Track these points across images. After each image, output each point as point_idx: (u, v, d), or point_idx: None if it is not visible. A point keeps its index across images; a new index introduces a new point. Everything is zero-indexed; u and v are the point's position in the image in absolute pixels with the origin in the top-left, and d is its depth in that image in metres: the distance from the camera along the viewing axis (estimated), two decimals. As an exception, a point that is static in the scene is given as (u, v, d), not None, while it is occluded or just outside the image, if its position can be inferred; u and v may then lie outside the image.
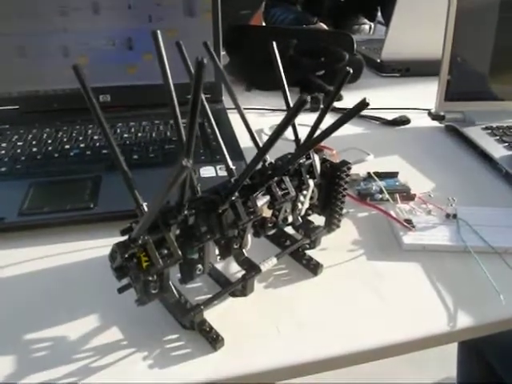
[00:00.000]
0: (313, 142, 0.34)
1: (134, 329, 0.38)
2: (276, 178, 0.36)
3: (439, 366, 1.19)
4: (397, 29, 0.96)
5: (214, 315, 0.38)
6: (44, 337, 0.37)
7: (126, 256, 0.28)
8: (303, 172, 0.38)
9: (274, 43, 0.42)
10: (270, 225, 0.38)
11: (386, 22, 1.46)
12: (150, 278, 0.31)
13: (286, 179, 0.37)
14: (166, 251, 0.30)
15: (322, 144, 0.60)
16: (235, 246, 0.36)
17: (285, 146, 0.46)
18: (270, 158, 0.43)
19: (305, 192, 0.39)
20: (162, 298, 0.37)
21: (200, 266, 0.35)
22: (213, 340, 0.35)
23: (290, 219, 0.41)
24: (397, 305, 0.41)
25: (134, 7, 0.69)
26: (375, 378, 1.14)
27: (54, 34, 0.68)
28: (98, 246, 0.45)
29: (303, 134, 0.69)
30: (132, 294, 0.34)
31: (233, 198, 0.33)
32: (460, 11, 0.69)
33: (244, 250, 0.39)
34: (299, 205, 0.40)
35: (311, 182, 0.39)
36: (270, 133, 0.71)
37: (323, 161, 0.43)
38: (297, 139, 0.42)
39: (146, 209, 0.31)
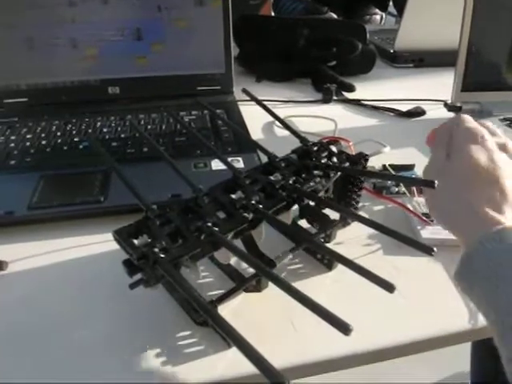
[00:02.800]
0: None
1: (147, 325, 0.37)
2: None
3: (451, 361, 1.17)
4: (410, 18, 0.94)
5: (227, 311, 0.37)
6: (54, 332, 0.36)
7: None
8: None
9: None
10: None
11: (398, 11, 1.43)
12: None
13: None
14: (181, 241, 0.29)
15: (338, 136, 0.59)
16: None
17: (297, 140, 0.45)
18: (284, 152, 0.42)
19: (323, 182, 0.37)
20: (175, 294, 0.36)
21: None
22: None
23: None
24: (415, 301, 0.40)
25: (143, -3, 0.68)
26: (386, 372, 1.13)
27: (63, 25, 0.67)
28: (109, 240, 0.44)
29: (312, 125, 0.68)
30: (143, 289, 0.33)
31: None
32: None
33: (258, 245, 0.38)
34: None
35: (332, 174, 0.38)
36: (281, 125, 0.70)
37: (340, 152, 0.42)
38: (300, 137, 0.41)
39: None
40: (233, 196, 0.33)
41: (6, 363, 0.34)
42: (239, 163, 0.55)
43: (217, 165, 0.54)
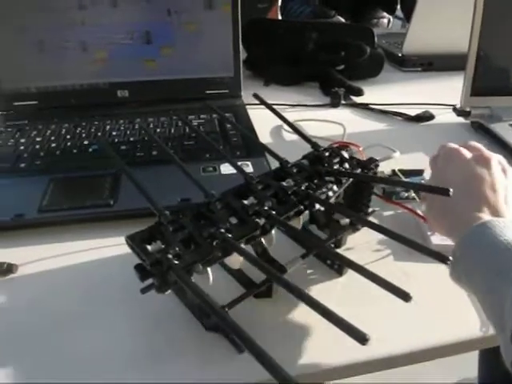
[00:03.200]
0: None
1: (156, 329, 0.37)
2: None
3: (459, 367, 1.16)
4: (419, 22, 0.94)
5: (237, 317, 0.36)
6: (63, 336, 0.36)
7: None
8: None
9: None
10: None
11: (406, 15, 1.42)
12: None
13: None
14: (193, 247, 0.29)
15: (348, 140, 0.59)
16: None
17: (306, 145, 0.45)
18: (292, 157, 0.41)
19: (335, 188, 0.37)
20: (185, 299, 0.36)
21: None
22: (237, 343, 0.34)
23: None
24: (426, 308, 0.39)
25: (153, 0, 0.68)
26: (393, 377, 1.12)
27: (73, 28, 0.68)
28: (119, 244, 0.44)
29: (320, 129, 0.68)
30: (153, 293, 0.33)
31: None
32: (488, 3, 0.67)
33: (269, 250, 0.38)
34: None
35: (344, 180, 0.38)
36: (289, 128, 0.70)
37: (351, 158, 0.42)
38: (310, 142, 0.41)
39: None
40: (245, 202, 0.33)
41: (15, 365, 0.34)
42: (248, 167, 0.55)
43: (226, 169, 0.54)
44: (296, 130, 0.41)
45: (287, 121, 0.42)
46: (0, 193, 0.51)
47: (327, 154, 0.39)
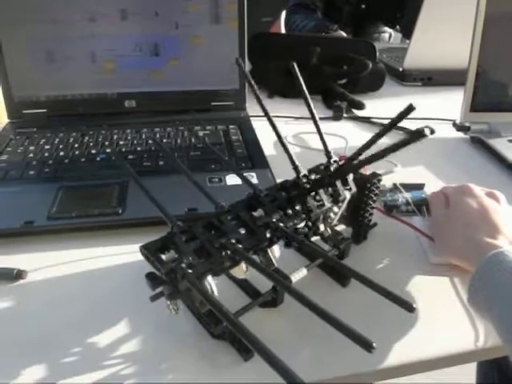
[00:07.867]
0: (366, 160, 0.34)
1: (162, 337, 0.37)
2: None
3: (456, 377, 1.16)
4: (420, 37, 0.96)
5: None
6: (72, 342, 0.37)
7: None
8: (338, 184, 0.38)
9: (295, 65, 0.42)
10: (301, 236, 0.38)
11: (403, 31, 1.45)
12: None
13: (321, 192, 0.37)
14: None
15: (351, 154, 0.60)
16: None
17: (315, 157, 0.46)
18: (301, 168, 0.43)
19: (340, 204, 0.38)
20: (193, 307, 0.37)
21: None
22: (243, 351, 0.35)
23: (322, 228, 0.41)
24: (424, 320, 0.40)
25: (161, 14, 0.70)
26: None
27: (82, 39, 0.69)
28: (127, 252, 0.45)
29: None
30: (161, 301, 0.34)
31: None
32: (488, 20, 0.69)
33: (274, 261, 0.39)
34: (331, 215, 0.40)
35: (348, 194, 0.39)
36: (293, 141, 0.71)
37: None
38: (327, 150, 0.42)
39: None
40: (254, 213, 0.34)
41: (22, 372, 0.34)
42: (253, 179, 0.56)
43: (231, 180, 0.55)
44: (285, 148, 0.43)
45: (280, 136, 0.44)
46: (10, 200, 0.52)
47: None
